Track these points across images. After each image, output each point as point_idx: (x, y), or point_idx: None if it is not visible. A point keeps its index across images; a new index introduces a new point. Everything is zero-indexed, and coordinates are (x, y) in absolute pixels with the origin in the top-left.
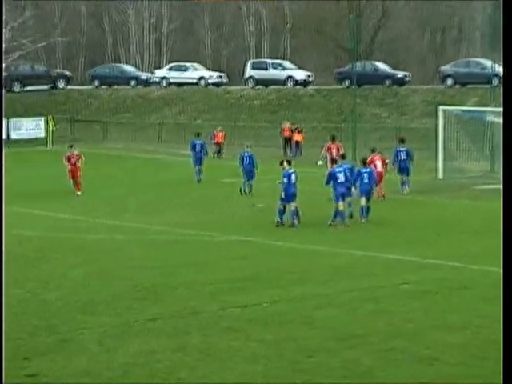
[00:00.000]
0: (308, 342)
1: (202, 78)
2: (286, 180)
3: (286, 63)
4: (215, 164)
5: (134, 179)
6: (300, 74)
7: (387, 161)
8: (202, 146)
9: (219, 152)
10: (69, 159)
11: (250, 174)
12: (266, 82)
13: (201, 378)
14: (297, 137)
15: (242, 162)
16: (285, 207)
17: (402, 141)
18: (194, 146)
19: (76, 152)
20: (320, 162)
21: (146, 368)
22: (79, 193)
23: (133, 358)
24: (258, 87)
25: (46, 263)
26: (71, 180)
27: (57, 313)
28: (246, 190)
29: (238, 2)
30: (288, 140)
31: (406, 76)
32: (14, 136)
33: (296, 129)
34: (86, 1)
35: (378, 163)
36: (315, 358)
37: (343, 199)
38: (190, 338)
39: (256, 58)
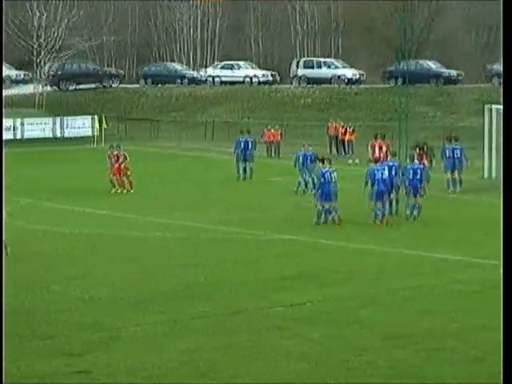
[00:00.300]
0: (356, 341)
1: (251, 76)
2: (322, 179)
3: (336, 62)
4: (264, 162)
5: (183, 177)
6: (350, 73)
7: (425, 161)
8: (246, 143)
9: (270, 150)
10: (110, 158)
11: (305, 173)
12: (315, 81)
13: (248, 376)
14: (348, 136)
15: (299, 161)
16: (323, 206)
17: (456, 139)
18: (239, 144)
19: (116, 151)
20: (350, 161)
21: (192, 366)
22: (125, 191)
23: (180, 355)
24: (307, 86)
25: (93, 260)
26: (113, 177)
27: (104, 310)
28: (299, 189)
29: (288, 0)
30: (335, 138)
31: (458, 75)
32: (63, 134)
33: (350, 128)
34: (136, 0)
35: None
36: (363, 357)
37: (382, 198)
38: (236, 337)
39: (305, 56)
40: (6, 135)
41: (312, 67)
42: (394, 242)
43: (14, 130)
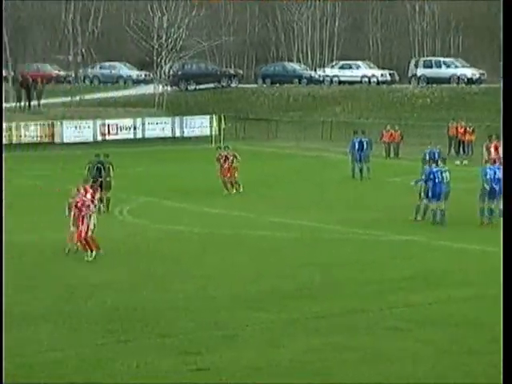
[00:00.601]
0: (474, 343)
1: (369, 76)
2: (431, 177)
3: (456, 61)
4: (382, 162)
5: (300, 177)
6: (469, 72)
7: None
8: (361, 144)
9: (388, 151)
10: (218, 159)
11: None
12: (434, 80)
13: (364, 377)
14: (468, 136)
15: (426, 158)
16: (437, 206)
17: None
18: (353, 144)
19: (225, 153)
20: (458, 162)
21: (309, 365)
22: (233, 191)
23: (296, 355)
24: (426, 85)
25: (210, 260)
26: (224, 179)
27: (222, 309)
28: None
29: (408, 0)
30: (455, 138)
31: None
32: (182, 134)
33: (470, 128)
34: (256, 0)
35: None
36: (482, 360)
37: (490, 198)
38: (353, 337)
39: (424, 55)
40: (127, 135)
41: (431, 67)
42: None
43: (134, 129)
